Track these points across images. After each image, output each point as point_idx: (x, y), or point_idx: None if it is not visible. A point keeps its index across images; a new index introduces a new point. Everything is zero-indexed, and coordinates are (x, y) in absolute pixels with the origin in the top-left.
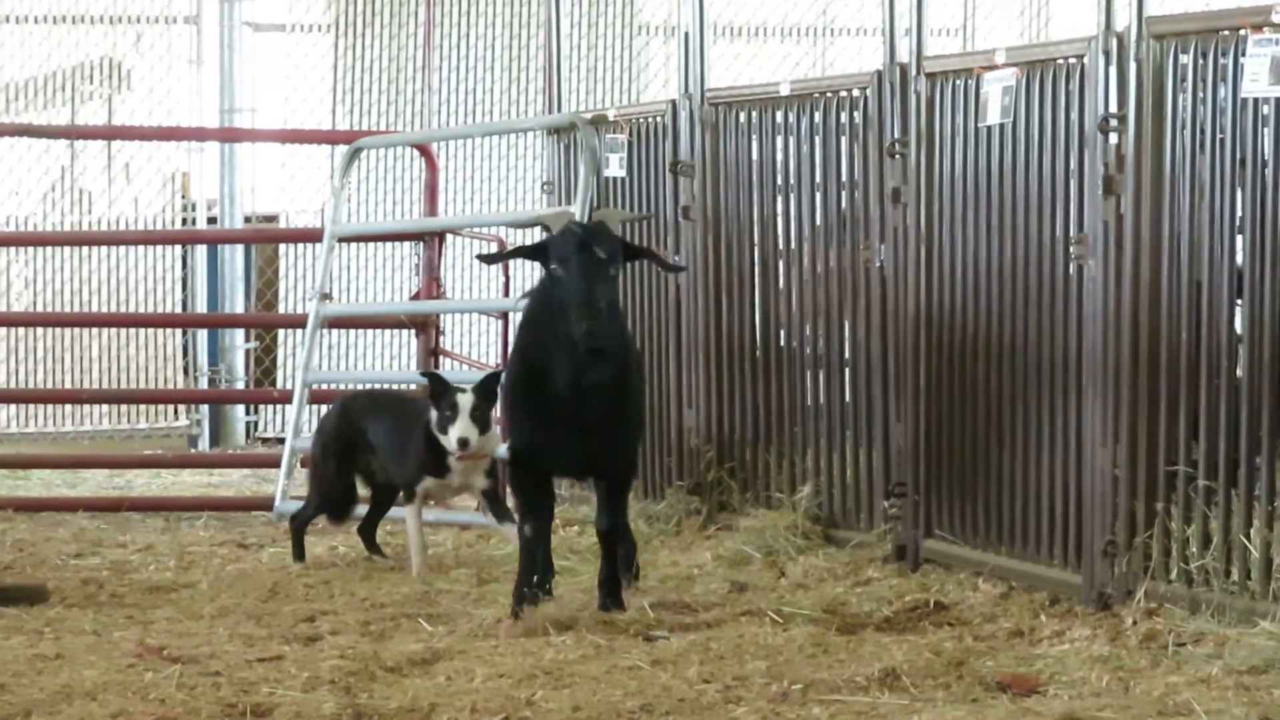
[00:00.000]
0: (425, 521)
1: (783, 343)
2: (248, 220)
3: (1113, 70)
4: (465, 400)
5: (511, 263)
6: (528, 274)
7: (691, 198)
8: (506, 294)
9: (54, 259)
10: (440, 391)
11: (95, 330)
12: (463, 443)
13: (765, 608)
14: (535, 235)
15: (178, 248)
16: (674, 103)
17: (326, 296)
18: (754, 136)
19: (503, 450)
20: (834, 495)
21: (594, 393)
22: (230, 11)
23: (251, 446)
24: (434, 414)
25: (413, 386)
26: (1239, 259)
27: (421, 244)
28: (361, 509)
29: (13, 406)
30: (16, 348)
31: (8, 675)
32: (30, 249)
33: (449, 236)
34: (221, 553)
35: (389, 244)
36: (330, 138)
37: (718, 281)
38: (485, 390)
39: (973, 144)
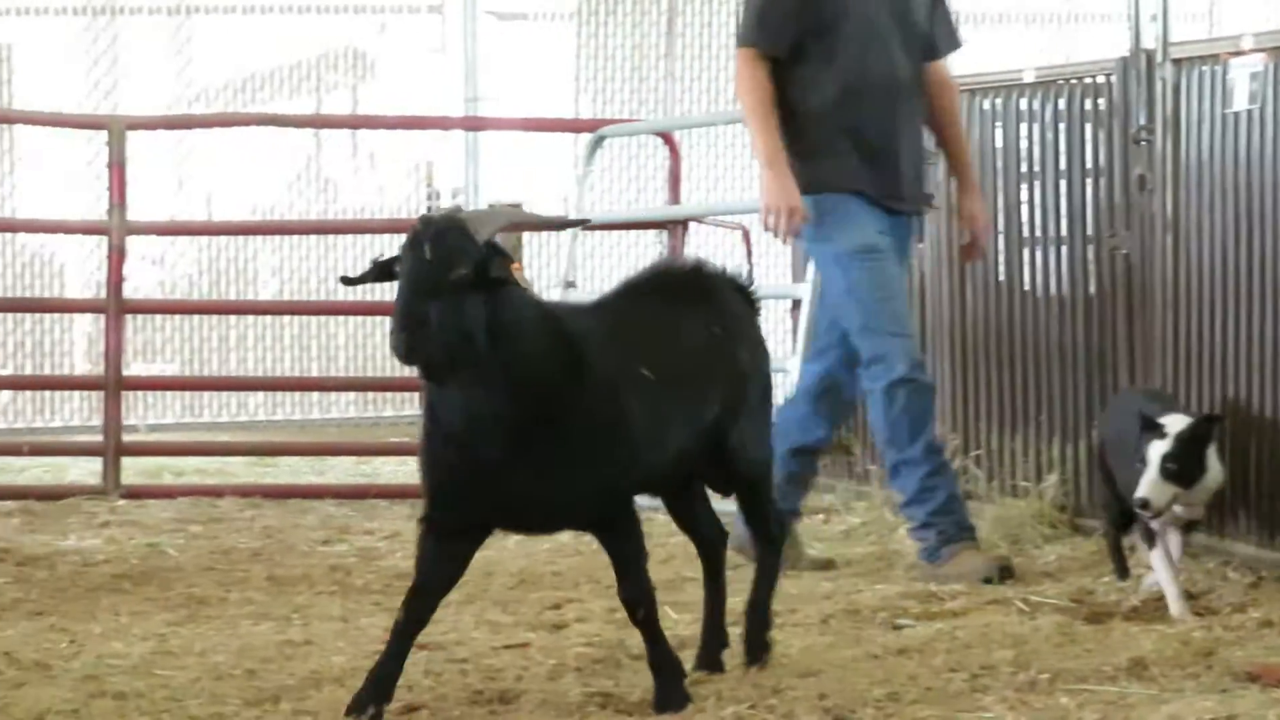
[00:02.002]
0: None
1: (1028, 331)
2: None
3: None
4: (1158, 447)
5: (755, 251)
6: (771, 264)
7: (938, 183)
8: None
9: (300, 248)
10: (1147, 422)
11: (342, 319)
12: (1142, 504)
13: (1012, 597)
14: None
15: None
16: None
17: (571, 285)
18: (997, 123)
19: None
20: (1080, 484)
21: (475, 426)
22: (473, 3)
23: None
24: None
25: None
26: None
27: (664, 232)
28: None
29: (261, 394)
30: (264, 336)
31: (257, 661)
32: (276, 238)
33: (692, 225)
34: None
35: (632, 232)
36: (573, 126)
37: (962, 270)
38: (1194, 436)
39: (1220, 130)
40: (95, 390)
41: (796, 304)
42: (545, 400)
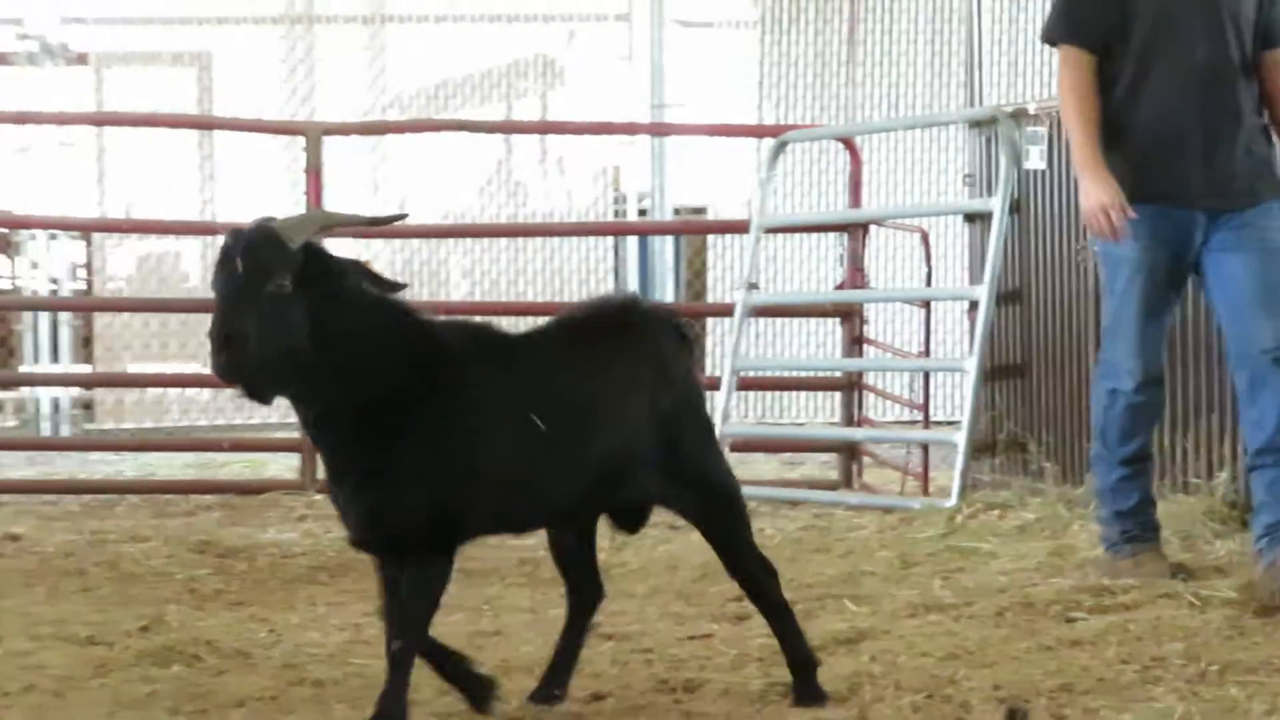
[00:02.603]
0: (849, 505)
1: (1200, 337)
2: (677, 212)
3: None
4: None
5: (934, 252)
6: (950, 266)
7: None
8: (929, 284)
9: (490, 250)
10: None
11: (530, 319)
12: None
13: (1183, 591)
14: (958, 227)
15: (609, 239)
16: None
17: (754, 286)
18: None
19: None
20: (1250, 481)
21: (317, 435)
22: (660, 9)
23: None
24: None
25: (836, 374)
26: None
27: (846, 235)
28: None
29: None
30: None
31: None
32: (468, 240)
33: (872, 228)
34: (653, 534)
35: (813, 235)
36: (757, 131)
37: None
38: None
39: None
40: None
41: (973, 305)
42: (383, 408)
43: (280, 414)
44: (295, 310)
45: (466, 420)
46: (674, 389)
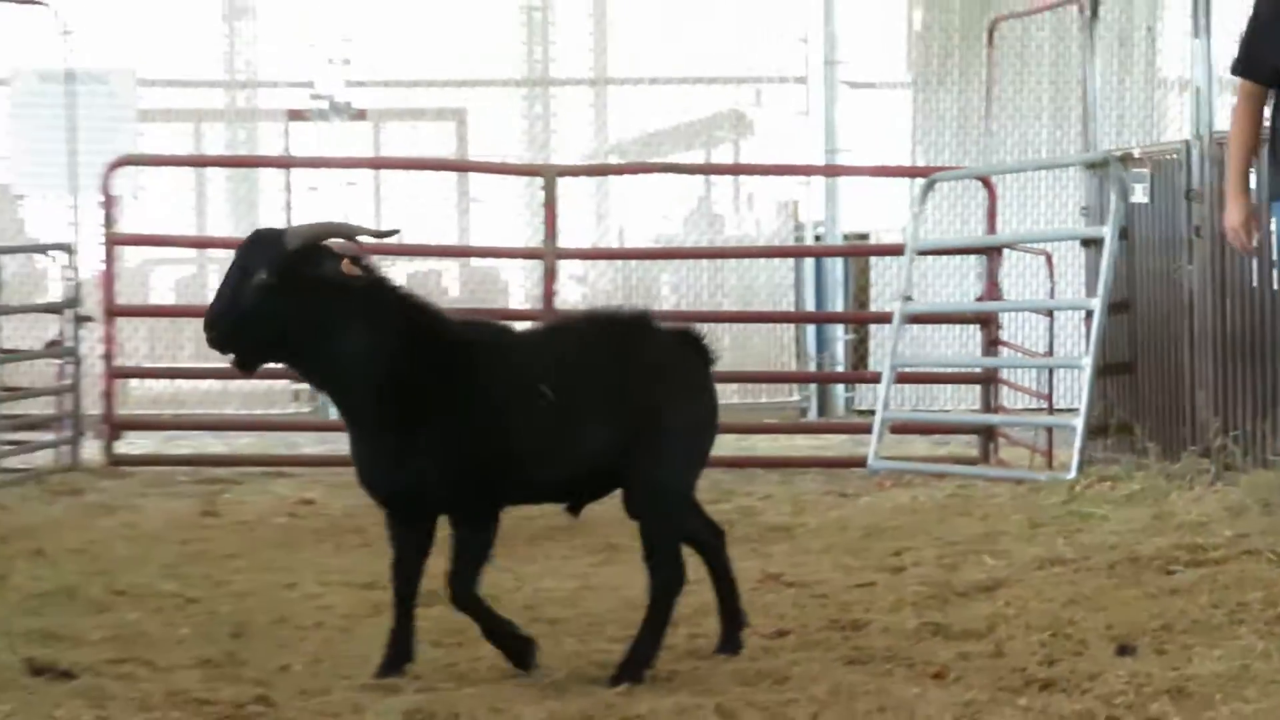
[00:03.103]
0: (987, 477)
1: (1278, 330)
2: (845, 238)
3: None
4: None
5: (1056, 271)
6: (1071, 280)
7: (1202, 219)
8: (1052, 296)
9: (694, 270)
10: None
11: (726, 325)
12: None
13: (1262, 548)
14: (1076, 250)
15: (790, 260)
16: (1187, 143)
17: (908, 298)
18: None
19: None
20: None
21: (348, 416)
22: (832, 73)
23: (849, 417)
24: None
25: (976, 370)
26: None
27: (984, 257)
28: None
29: None
30: None
31: None
32: (675, 262)
33: (1005, 251)
34: (826, 500)
35: (957, 256)
36: (910, 172)
37: (1224, 284)
38: None
39: None
40: None
41: (1089, 314)
42: (398, 389)
43: None
44: (274, 300)
45: (481, 399)
46: (669, 392)
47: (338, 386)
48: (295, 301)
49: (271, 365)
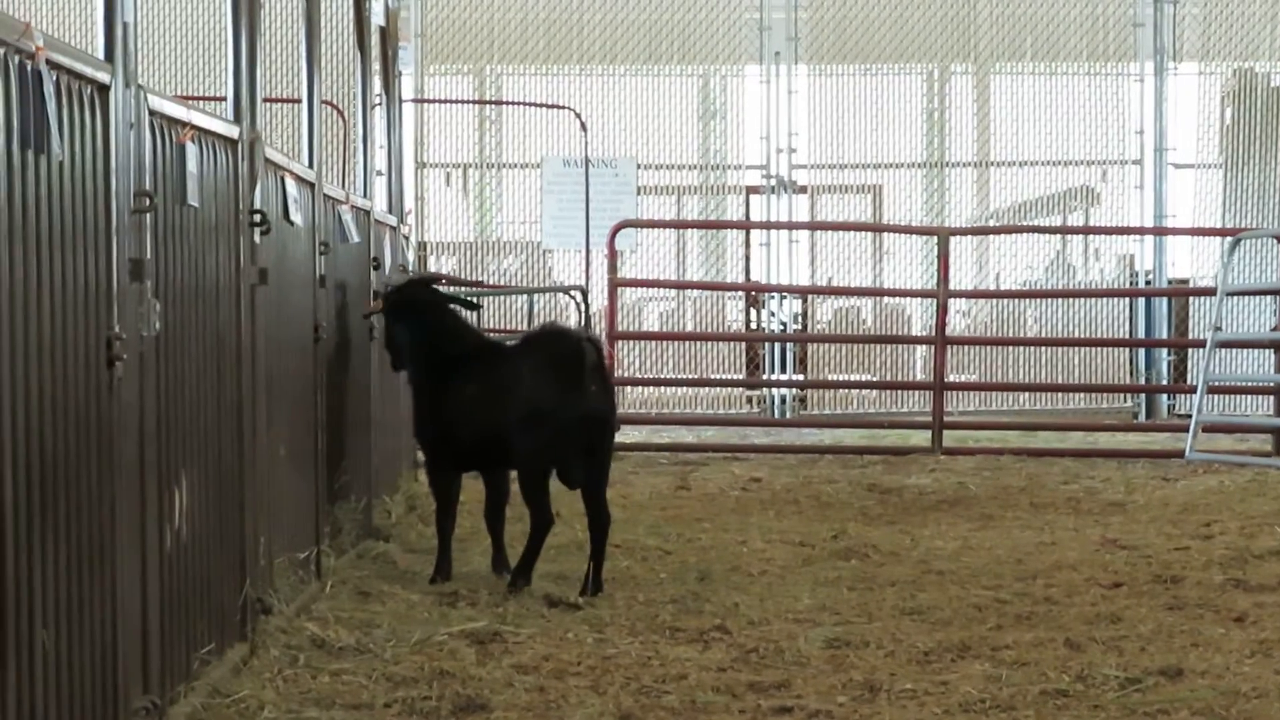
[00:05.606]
0: (1267, 465)
1: None
2: (1170, 283)
3: None
4: None
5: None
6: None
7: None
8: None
9: (1052, 306)
10: None
11: (1076, 348)
12: None
13: None
14: None
15: (1126, 300)
16: None
17: (1218, 328)
18: None
19: None
20: None
21: (425, 388)
22: (1161, 157)
23: (1170, 419)
24: None
25: (1270, 384)
26: None
27: (1278, 297)
28: None
29: (1026, 393)
30: (1034, 360)
31: (1023, 554)
32: (1037, 300)
33: None
34: (1152, 483)
35: (1257, 297)
36: (1221, 232)
37: None
38: None
39: None
40: (928, 390)
41: None
42: (449, 372)
43: (920, 405)
44: (395, 323)
45: (502, 385)
46: (560, 390)
47: (432, 374)
48: (417, 321)
49: (730, 376)
